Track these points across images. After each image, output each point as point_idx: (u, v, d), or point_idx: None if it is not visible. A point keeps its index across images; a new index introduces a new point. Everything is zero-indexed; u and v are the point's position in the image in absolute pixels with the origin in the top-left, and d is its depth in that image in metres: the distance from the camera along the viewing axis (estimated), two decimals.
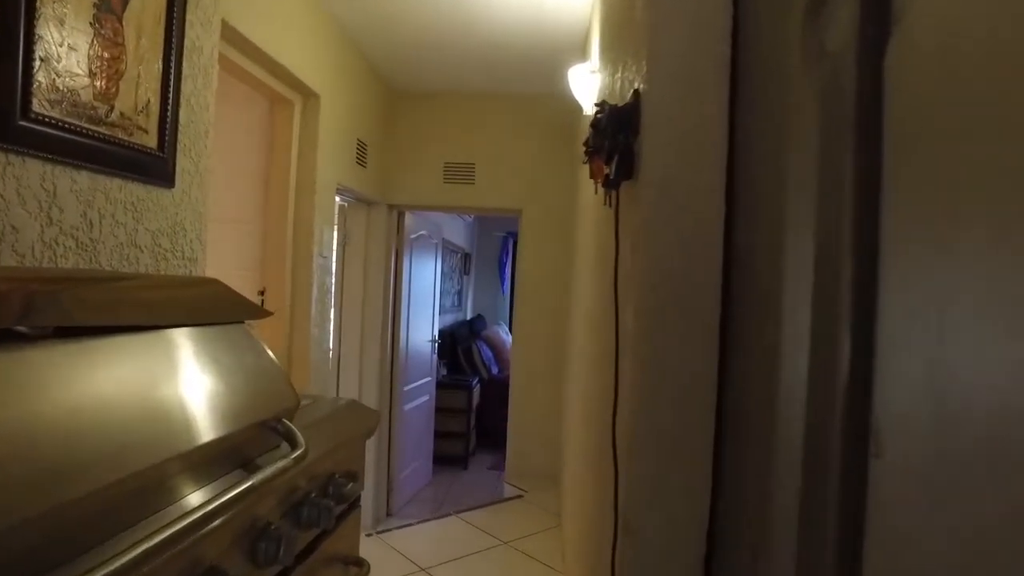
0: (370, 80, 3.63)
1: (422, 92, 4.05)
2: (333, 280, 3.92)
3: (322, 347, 3.01)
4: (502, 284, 8.64)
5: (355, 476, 1.55)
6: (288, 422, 1.15)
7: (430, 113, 4.06)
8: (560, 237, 4.00)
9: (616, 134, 1.18)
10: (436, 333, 5.12)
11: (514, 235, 8.48)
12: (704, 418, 1.05)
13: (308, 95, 2.88)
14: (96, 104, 1.44)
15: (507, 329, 7.51)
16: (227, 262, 2.93)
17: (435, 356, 5.13)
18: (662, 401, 1.05)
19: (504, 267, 8.61)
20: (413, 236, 4.47)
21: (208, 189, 1.98)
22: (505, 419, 6.09)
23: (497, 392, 6.08)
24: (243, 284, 2.91)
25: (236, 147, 2.98)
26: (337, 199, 3.82)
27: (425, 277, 4.79)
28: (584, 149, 1.35)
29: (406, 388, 4.48)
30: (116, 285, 1.05)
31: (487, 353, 6.30)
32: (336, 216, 3.99)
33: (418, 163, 4.05)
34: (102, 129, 1.46)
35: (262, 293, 2.86)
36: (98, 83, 1.44)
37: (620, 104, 1.22)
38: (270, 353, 1.23)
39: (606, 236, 1.54)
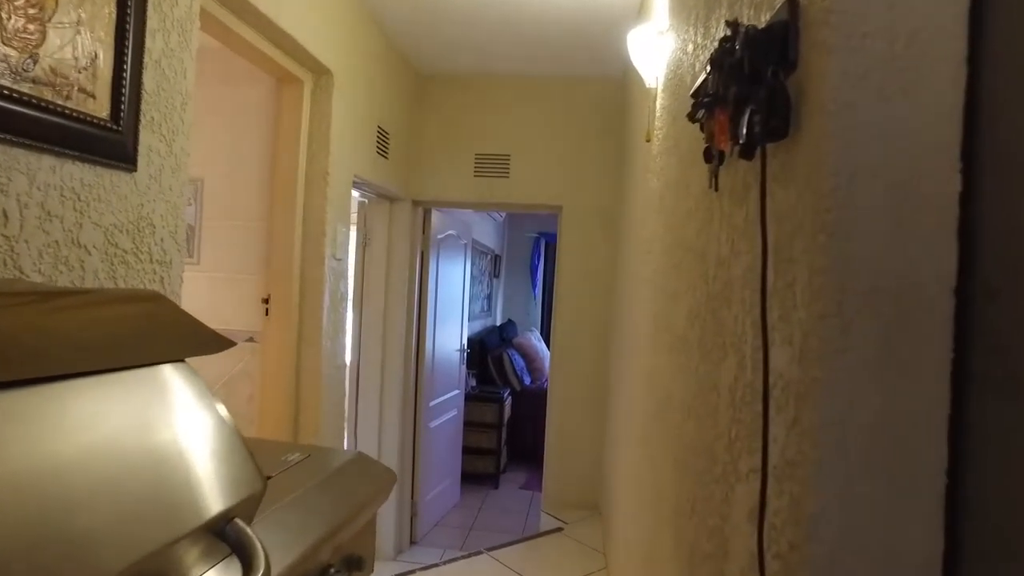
0: (392, 60, 3.24)
1: (450, 75, 3.65)
2: (351, 285, 3.55)
3: (335, 361, 2.61)
4: (533, 288, 8.21)
5: (360, 564, 1.14)
6: (243, 525, 0.74)
7: (459, 98, 3.65)
8: (605, 237, 3.56)
9: (757, 71, 0.75)
10: (465, 342, 4.71)
11: (547, 235, 8.05)
12: (930, 499, 0.61)
13: (320, 72, 2.49)
14: (4, 51, 1.05)
15: (539, 335, 7.09)
16: (226, 265, 2.55)
17: (464, 367, 4.73)
18: (858, 463, 0.62)
19: (536, 270, 8.18)
20: (440, 236, 4.07)
21: (185, 174, 1.59)
22: (539, 433, 5.67)
23: (530, 404, 5.66)
24: (244, 290, 2.53)
25: (236, 132, 2.61)
26: (355, 195, 3.44)
27: (453, 281, 4.38)
28: (694, 102, 0.92)
29: (432, 403, 4.08)
30: None
31: (519, 362, 5.88)
32: (356, 214, 3.60)
33: (446, 154, 3.64)
34: (14, 85, 1.07)
35: (266, 301, 2.48)
36: (5, 19, 1.05)
37: (762, 25, 0.79)
38: (221, 410, 0.82)
39: (710, 233, 1.11)
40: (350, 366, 3.69)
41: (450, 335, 4.37)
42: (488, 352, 5.62)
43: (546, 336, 7.63)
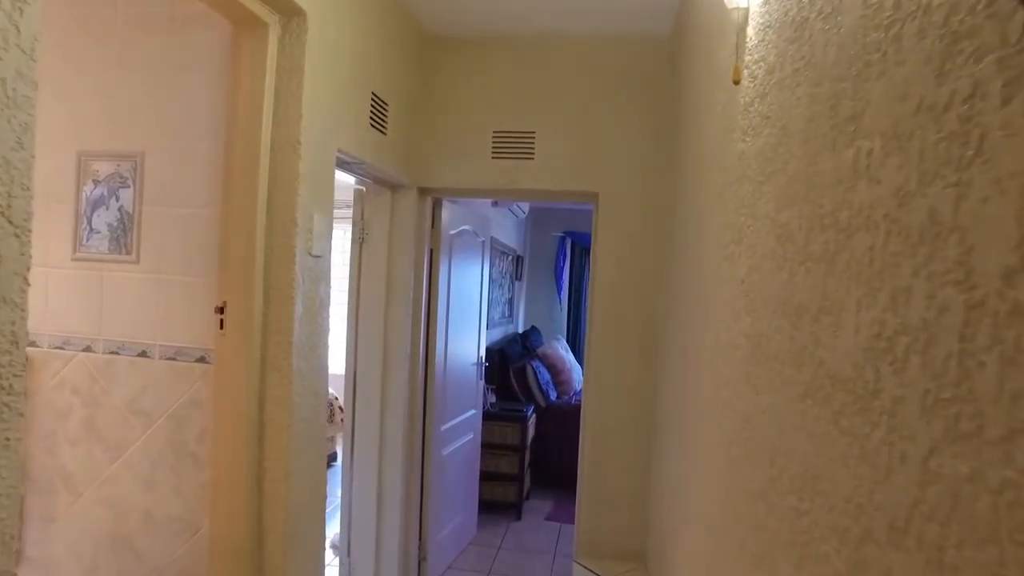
0: (390, 12, 2.66)
1: (463, 35, 3.06)
2: (341, 290, 2.97)
3: (312, 387, 2.03)
4: (559, 292, 7.60)
5: None
6: None
7: (474, 63, 3.07)
8: (652, 230, 2.94)
9: None
10: (483, 353, 4.11)
11: (573, 235, 7.44)
12: None
13: (289, 13, 1.92)
14: None
15: (566, 344, 6.47)
16: (171, 264, 1.99)
17: (482, 382, 4.13)
18: None
19: (561, 272, 7.57)
20: (453, 232, 3.48)
21: (28, 115, 1.01)
22: (567, 455, 5.05)
23: (557, 422, 5.05)
24: (193, 297, 1.97)
25: (184, 93, 2.04)
26: (351, 181, 2.86)
27: (469, 284, 3.79)
28: None
29: (444, 427, 3.49)
30: None
31: (544, 375, 5.26)
32: (353, 206, 3.03)
33: (458, 132, 3.05)
34: None
35: (221, 310, 1.90)
36: None
37: None
38: None
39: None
40: (344, 388, 3.12)
41: (465, 347, 3.78)
42: (510, 364, 5.02)
43: (573, 345, 7.00)
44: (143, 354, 2.02)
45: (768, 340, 1.14)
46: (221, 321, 1.91)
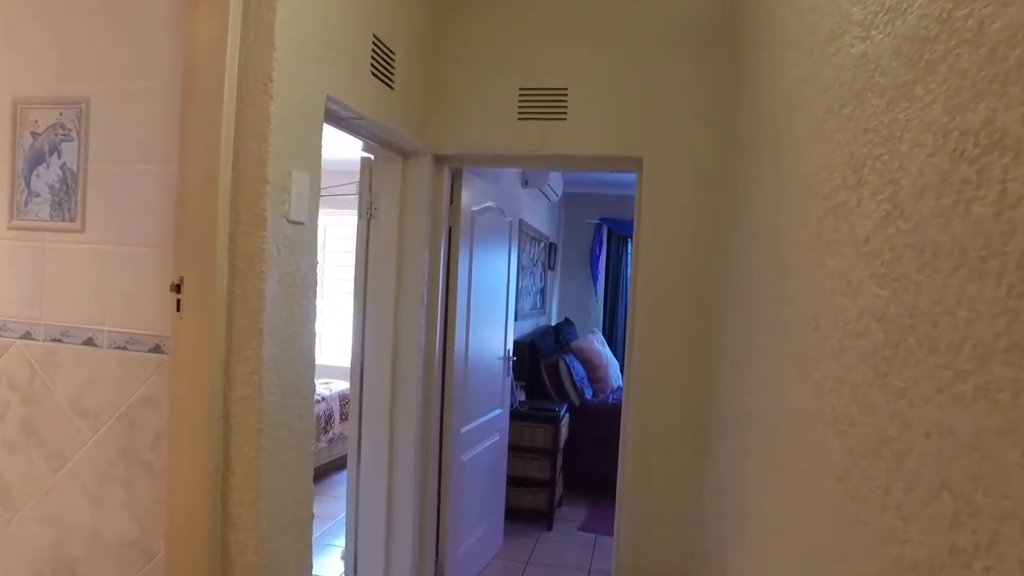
0: None
1: None
2: (357, 271, 2.59)
3: (293, 387, 1.65)
4: (594, 283, 7.15)
5: None
6: None
7: (498, 10, 2.65)
8: (706, 202, 2.49)
9: None
10: (511, 347, 3.70)
11: (610, 222, 6.98)
12: None
13: None
14: None
15: (602, 338, 6.02)
16: (118, 233, 1.62)
17: (509, 378, 3.73)
18: None
19: (597, 261, 7.11)
20: (475, 208, 3.08)
21: None
22: (602, 458, 4.61)
23: (591, 422, 4.62)
24: (145, 271, 1.60)
25: (134, 26, 1.67)
26: (361, 152, 2.48)
27: (494, 270, 3.39)
28: None
29: (465, 429, 3.09)
30: None
31: (578, 371, 4.84)
32: (359, 176, 2.65)
33: (480, 89, 2.64)
34: None
35: (178, 288, 1.53)
36: None
37: None
38: None
39: None
40: (350, 384, 2.75)
41: (490, 339, 3.38)
42: (541, 359, 4.61)
43: (610, 339, 6.56)
44: (89, 342, 1.66)
45: (935, 322, 0.71)
46: (178, 302, 1.54)
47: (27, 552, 1.71)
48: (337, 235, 5.80)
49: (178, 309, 1.54)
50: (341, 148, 4.29)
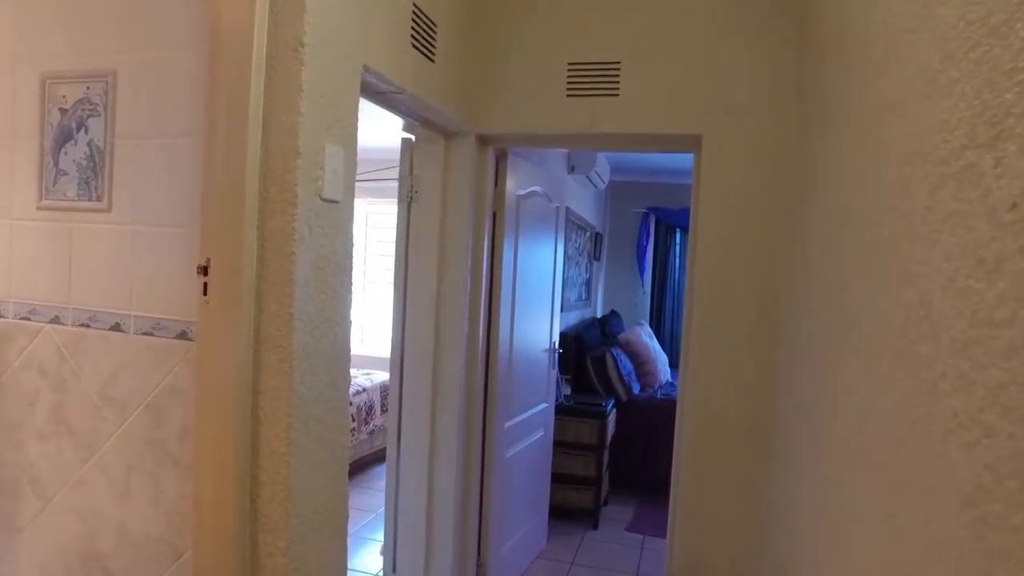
0: None
1: None
2: (398, 258, 2.46)
3: (326, 378, 1.54)
4: (641, 274, 6.92)
5: None
6: None
7: None
8: (773, 184, 2.29)
9: None
10: (556, 340, 3.55)
11: (658, 211, 6.75)
12: None
13: None
14: None
15: (650, 331, 5.81)
16: (145, 213, 1.53)
17: (555, 371, 3.58)
18: None
19: (644, 252, 6.89)
20: (521, 193, 2.93)
21: None
22: (651, 455, 4.45)
23: (639, 418, 4.45)
24: (172, 253, 1.51)
25: None
26: (401, 133, 2.36)
27: (540, 258, 3.24)
28: None
29: (509, 424, 2.96)
30: None
31: (626, 364, 4.65)
32: (400, 155, 2.53)
33: (526, 65, 2.49)
34: None
35: (204, 270, 1.43)
36: None
37: None
38: None
39: None
40: (390, 376, 2.64)
41: (535, 330, 3.23)
42: (587, 352, 4.44)
43: (656, 330, 6.34)
44: (116, 327, 1.58)
45: None
46: (204, 285, 1.44)
47: (58, 544, 1.65)
48: (379, 224, 5.73)
49: (204, 293, 1.44)
50: (383, 134, 4.19)
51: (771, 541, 2.14)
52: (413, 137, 2.54)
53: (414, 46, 1.97)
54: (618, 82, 2.42)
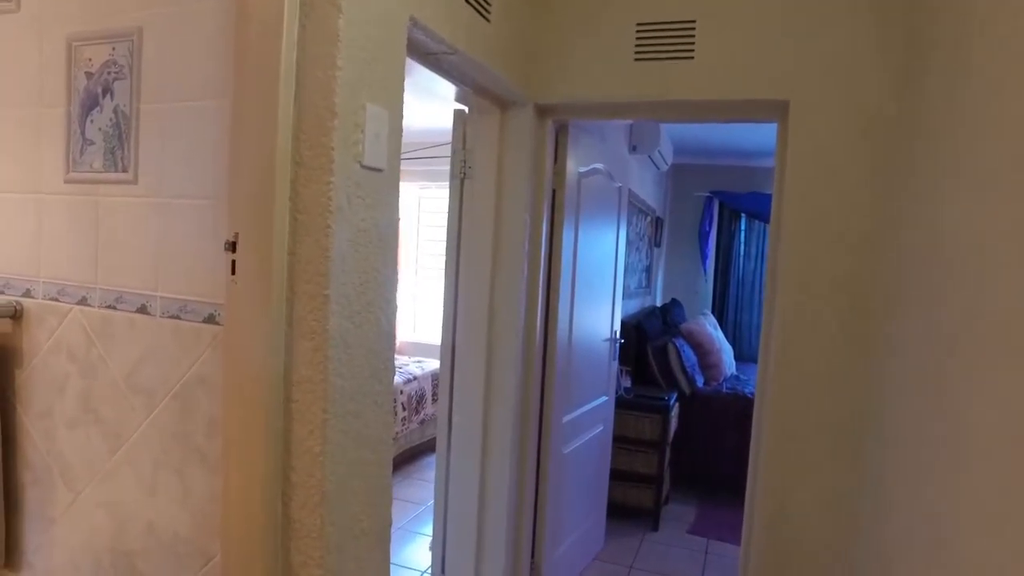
0: None
1: None
2: (449, 238, 2.27)
3: (368, 368, 1.37)
4: (703, 261, 6.59)
5: None
6: None
7: None
8: (879, 156, 2.00)
9: None
10: (618, 329, 3.33)
11: (722, 196, 6.39)
12: None
13: None
14: None
15: (714, 321, 5.50)
16: (171, 183, 1.39)
17: (615, 363, 3.36)
18: None
19: (707, 238, 6.55)
20: (582, 170, 2.71)
21: None
22: (715, 453, 4.17)
23: (703, 413, 4.18)
24: (201, 227, 1.36)
25: None
26: (454, 105, 2.18)
27: (602, 241, 3.01)
28: None
29: (567, 418, 2.76)
30: None
31: (689, 356, 4.38)
32: (453, 127, 2.35)
33: (589, 26, 2.26)
34: None
35: (232, 246, 1.28)
36: None
37: None
38: None
39: None
40: (440, 365, 2.48)
41: (596, 318, 3.01)
42: (648, 342, 4.19)
43: (719, 321, 6.01)
44: (143, 309, 1.45)
45: None
46: (233, 263, 1.29)
47: (88, 538, 1.55)
48: (432, 209, 5.59)
49: (233, 272, 1.29)
50: (437, 115, 4.02)
51: (863, 566, 1.88)
52: (466, 109, 2.35)
53: (467, 1, 1.77)
54: (693, 43, 2.16)
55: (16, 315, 1.62)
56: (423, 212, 5.66)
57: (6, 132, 1.63)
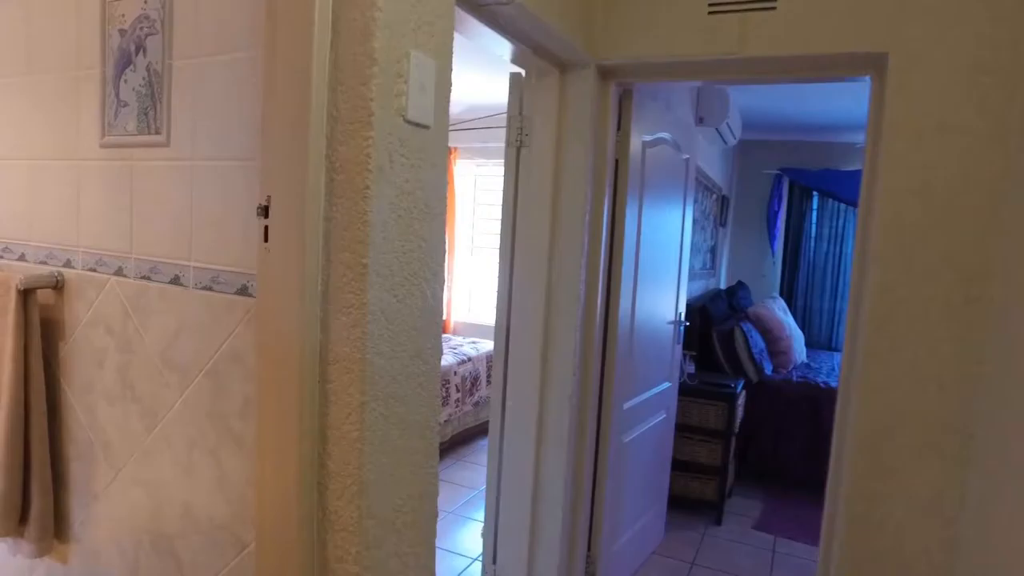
0: None
1: None
2: (505, 212, 2.12)
3: (411, 347, 1.24)
4: (771, 242, 6.24)
5: None
6: None
7: None
8: (997, 116, 1.73)
9: None
10: (683, 311, 3.13)
11: (792, 172, 6.02)
12: None
13: None
14: None
15: (784, 305, 5.19)
16: (204, 144, 1.29)
17: (679, 347, 3.16)
18: None
19: (776, 217, 6.19)
20: (648, 138, 2.51)
21: None
22: (783, 445, 3.91)
23: (771, 402, 3.94)
24: (235, 191, 1.25)
25: None
26: (510, 69, 2.03)
27: (667, 217, 2.81)
28: None
29: (628, 405, 2.59)
30: None
31: (757, 341, 4.12)
32: (509, 91, 2.20)
33: None
34: None
35: (265, 211, 1.17)
36: None
37: None
38: None
39: None
40: (495, 348, 2.35)
41: (659, 300, 2.82)
42: (713, 326, 3.96)
43: (788, 305, 5.68)
44: (176, 280, 1.37)
45: None
46: (265, 229, 1.18)
47: (129, 518, 1.49)
48: (488, 187, 5.46)
49: (266, 239, 1.18)
50: (494, 89, 3.85)
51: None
52: (523, 72, 2.19)
53: None
54: None
55: (58, 286, 1.56)
56: (479, 191, 5.53)
57: (45, 98, 1.57)
